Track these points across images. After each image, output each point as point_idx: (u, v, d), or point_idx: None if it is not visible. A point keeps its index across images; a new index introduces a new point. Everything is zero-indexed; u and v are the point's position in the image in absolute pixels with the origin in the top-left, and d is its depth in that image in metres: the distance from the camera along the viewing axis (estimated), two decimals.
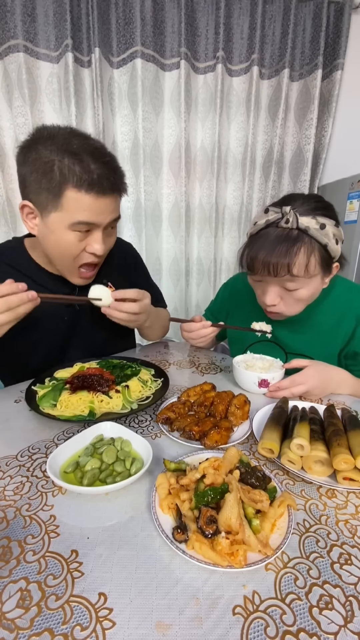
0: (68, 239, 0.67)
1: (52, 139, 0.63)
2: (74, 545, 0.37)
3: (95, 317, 0.87)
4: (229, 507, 0.36)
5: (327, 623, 0.30)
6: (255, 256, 0.68)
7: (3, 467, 0.50)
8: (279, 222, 0.66)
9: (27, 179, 0.66)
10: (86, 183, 0.62)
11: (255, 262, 0.68)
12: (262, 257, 0.67)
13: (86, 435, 0.53)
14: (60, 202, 0.63)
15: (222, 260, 2.16)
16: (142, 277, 1.05)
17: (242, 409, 0.62)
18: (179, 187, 1.92)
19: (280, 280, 0.69)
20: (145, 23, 1.68)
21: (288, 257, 0.64)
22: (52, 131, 0.65)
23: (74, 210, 0.64)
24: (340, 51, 1.82)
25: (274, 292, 0.72)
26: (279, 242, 0.65)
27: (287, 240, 0.65)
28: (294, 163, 2.00)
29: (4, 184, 1.72)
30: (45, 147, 0.62)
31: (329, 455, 0.47)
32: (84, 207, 0.64)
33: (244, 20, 1.77)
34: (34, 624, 0.30)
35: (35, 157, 0.63)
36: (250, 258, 0.70)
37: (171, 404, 0.64)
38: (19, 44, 1.55)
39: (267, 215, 0.68)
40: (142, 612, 0.31)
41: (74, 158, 0.62)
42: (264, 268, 0.67)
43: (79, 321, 0.86)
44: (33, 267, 0.79)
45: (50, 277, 0.80)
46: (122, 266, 0.95)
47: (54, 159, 0.62)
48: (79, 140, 0.64)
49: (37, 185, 0.64)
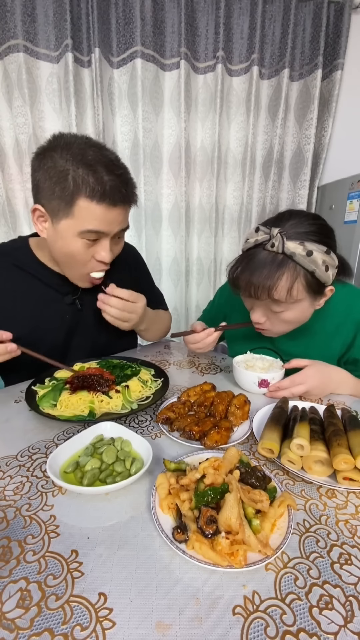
0: (76, 245, 0.69)
1: (69, 148, 0.64)
2: (74, 545, 0.37)
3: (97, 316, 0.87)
4: (229, 507, 0.36)
5: (327, 623, 0.30)
6: (239, 276, 0.69)
7: (3, 467, 0.50)
8: (266, 245, 0.65)
9: (41, 185, 0.67)
10: (98, 194, 0.64)
11: (240, 281, 0.69)
12: (245, 278, 0.67)
13: (86, 435, 0.53)
14: (72, 210, 0.65)
15: (222, 261, 2.16)
16: (144, 280, 1.06)
17: (242, 409, 0.62)
18: (179, 187, 1.92)
19: (265, 302, 0.69)
20: (145, 23, 1.68)
21: (270, 280, 0.64)
22: (69, 140, 0.66)
23: (85, 219, 0.66)
24: (340, 51, 1.81)
25: (260, 311, 0.73)
26: (263, 266, 0.65)
27: (272, 264, 0.64)
28: (294, 163, 2.00)
29: (4, 184, 1.72)
30: (61, 155, 0.64)
31: (329, 455, 0.47)
32: (95, 216, 0.66)
33: (244, 20, 1.77)
34: (34, 624, 0.30)
35: (50, 164, 0.64)
36: (235, 276, 0.70)
37: (171, 404, 0.64)
38: (19, 44, 1.55)
39: (257, 235, 0.67)
40: (142, 612, 0.31)
41: (88, 169, 0.63)
42: (246, 289, 0.67)
43: (80, 320, 0.87)
44: (39, 266, 0.81)
45: (55, 275, 0.82)
46: (124, 268, 0.96)
47: (68, 168, 0.63)
48: (94, 151, 0.65)
49: (51, 192, 0.65)
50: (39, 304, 0.80)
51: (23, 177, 1.72)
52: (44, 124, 1.70)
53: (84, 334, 0.88)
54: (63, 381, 0.68)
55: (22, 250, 0.82)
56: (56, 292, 0.82)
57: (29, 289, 0.80)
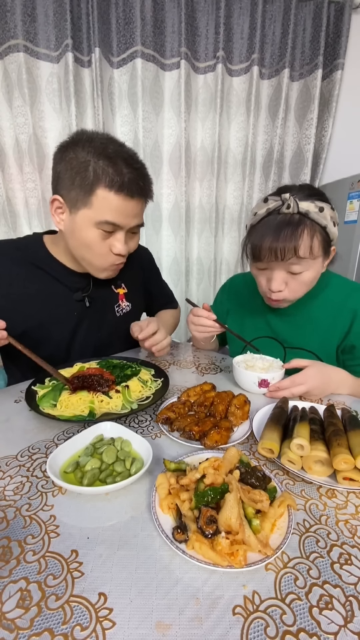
0: (92, 235, 0.71)
1: (91, 142, 0.67)
2: (74, 545, 0.37)
3: (104, 314, 0.89)
4: (229, 507, 0.36)
5: (327, 623, 0.30)
6: (260, 243, 0.70)
7: (3, 467, 0.50)
8: (280, 209, 0.69)
9: (62, 176, 0.69)
10: (117, 184, 0.66)
11: (262, 249, 0.70)
12: (268, 243, 0.69)
13: (86, 435, 0.53)
14: (90, 199, 0.67)
15: (222, 260, 2.16)
16: (156, 281, 1.12)
17: (242, 409, 0.62)
18: (179, 187, 1.92)
19: (286, 265, 0.71)
20: (145, 23, 1.68)
21: (294, 240, 0.67)
22: (91, 135, 0.69)
23: (103, 210, 0.68)
24: (340, 51, 1.81)
25: (280, 277, 0.73)
26: (283, 227, 0.68)
27: (291, 225, 0.67)
28: (294, 163, 2.00)
29: (4, 184, 1.72)
30: (83, 148, 0.67)
31: (329, 455, 0.47)
32: (112, 207, 0.68)
33: (244, 20, 1.77)
34: (34, 624, 0.30)
35: (72, 156, 0.67)
36: (255, 246, 0.71)
37: (171, 404, 0.64)
38: (19, 44, 1.55)
39: (267, 204, 0.71)
40: (142, 612, 0.31)
41: (108, 161, 0.66)
42: (271, 254, 0.69)
43: (87, 317, 0.88)
44: (51, 262, 0.83)
45: (66, 272, 0.83)
46: (138, 270, 1.01)
47: (89, 160, 0.66)
48: (115, 146, 0.69)
49: (71, 182, 0.68)
50: (48, 299, 0.82)
51: (23, 177, 1.72)
52: (44, 124, 1.70)
53: (90, 331, 0.89)
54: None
55: (36, 245, 0.84)
56: (66, 288, 0.84)
57: (40, 283, 0.81)
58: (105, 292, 0.92)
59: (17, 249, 0.81)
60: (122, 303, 0.95)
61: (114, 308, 0.94)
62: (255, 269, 0.78)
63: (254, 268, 0.79)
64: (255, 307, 0.93)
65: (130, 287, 0.97)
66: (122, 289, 0.95)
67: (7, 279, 0.78)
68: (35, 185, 1.73)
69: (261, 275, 0.78)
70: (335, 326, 0.81)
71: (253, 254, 0.73)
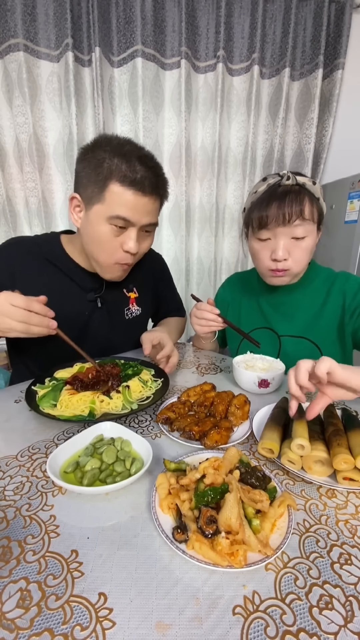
0: (104, 230, 0.72)
1: (109, 143, 0.70)
2: (74, 545, 0.37)
3: (113, 316, 0.91)
4: (229, 507, 0.36)
5: (327, 623, 0.30)
6: (267, 210, 0.74)
7: (3, 467, 0.50)
8: (281, 182, 0.75)
9: (80, 174, 0.72)
10: (129, 180, 0.68)
11: (269, 215, 0.74)
12: (274, 208, 0.74)
13: (86, 435, 0.53)
14: (103, 194, 0.69)
15: (222, 260, 2.16)
16: (168, 288, 1.13)
17: (242, 409, 0.62)
18: (179, 187, 1.92)
19: (290, 230, 0.75)
20: (145, 22, 1.67)
21: (298, 202, 0.72)
22: (111, 137, 0.72)
23: (115, 205, 0.69)
24: (341, 50, 1.81)
25: (284, 245, 0.76)
26: (287, 194, 0.74)
27: (293, 192, 0.74)
28: (294, 163, 2.00)
29: (4, 184, 1.72)
30: (102, 148, 0.70)
31: (329, 455, 0.47)
32: (124, 202, 0.69)
33: (244, 20, 1.77)
34: (34, 624, 0.30)
35: (91, 155, 0.70)
36: (262, 214, 0.75)
37: (171, 404, 0.64)
38: (19, 43, 1.55)
39: (266, 182, 0.78)
40: (142, 612, 0.31)
41: (123, 158, 0.68)
42: (279, 217, 0.73)
43: (98, 318, 0.89)
44: (67, 261, 0.85)
45: (81, 271, 0.85)
46: (150, 276, 1.02)
47: (105, 157, 0.68)
48: (132, 146, 0.71)
49: (87, 178, 0.70)
50: (62, 297, 0.83)
51: (23, 176, 1.72)
52: (44, 123, 1.70)
53: (99, 331, 0.90)
54: (63, 381, 0.68)
55: (53, 243, 0.86)
56: (80, 287, 0.85)
57: (54, 280, 0.83)
58: (117, 295, 0.93)
59: (35, 244, 0.83)
60: (132, 307, 0.96)
61: (124, 311, 0.95)
62: (258, 242, 0.80)
63: (256, 242, 0.80)
64: (250, 299, 0.97)
65: (141, 292, 0.98)
66: (134, 293, 0.97)
67: (24, 273, 0.80)
68: (36, 185, 1.73)
69: (264, 249, 0.80)
70: (326, 308, 0.85)
71: (260, 222, 0.76)
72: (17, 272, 0.79)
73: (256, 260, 0.84)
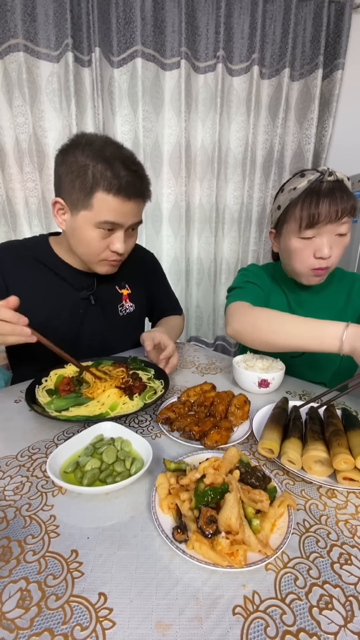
0: (93, 235, 0.74)
1: (90, 145, 0.69)
2: (74, 545, 0.37)
3: (107, 313, 0.91)
4: (229, 507, 0.36)
5: (327, 623, 0.30)
6: (318, 208, 0.72)
7: (3, 467, 0.50)
8: (323, 178, 0.74)
9: (63, 179, 0.72)
10: (115, 187, 0.69)
11: (320, 213, 0.72)
12: (325, 206, 0.72)
13: (86, 435, 0.53)
14: (90, 202, 0.70)
15: (222, 260, 2.16)
16: (162, 286, 1.13)
17: (242, 409, 0.62)
18: (179, 187, 1.92)
19: (336, 227, 0.74)
20: (145, 22, 1.67)
21: (350, 199, 0.72)
22: (90, 138, 0.71)
23: (102, 211, 0.70)
24: (340, 51, 1.81)
25: (328, 242, 0.75)
26: (335, 190, 0.72)
27: (339, 189, 0.73)
28: (294, 163, 2.00)
29: (4, 184, 1.71)
30: (83, 152, 0.69)
31: (329, 455, 0.47)
32: (111, 208, 0.71)
33: (244, 20, 1.77)
34: (34, 624, 0.30)
35: (72, 160, 0.70)
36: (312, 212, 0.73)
37: (171, 404, 0.64)
38: (19, 43, 1.54)
39: (305, 178, 0.75)
40: (142, 612, 0.31)
41: (106, 164, 0.68)
42: (330, 214, 0.72)
43: (92, 315, 0.90)
44: (57, 261, 0.86)
45: (71, 270, 0.87)
46: (141, 272, 1.03)
47: (89, 164, 0.68)
48: (113, 148, 0.71)
49: (71, 185, 0.70)
50: (54, 296, 0.84)
51: (23, 176, 1.72)
52: (44, 124, 1.70)
53: (95, 329, 0.91)
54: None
55: (42, 245, 0.87)
56: (72, 286, 0.86)
57: (46, 281, 0.84)
58: (110, 292, 0.94)
59: (24, 247, 0.85)
60: (125, 303, 0.97)
61: (117, 307, 0.96)
62: (301, 241, 0.77)
63: (298, 240, 0.77)
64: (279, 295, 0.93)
65: (133, 289, 0.99)
66: (126, 290, 0.97)
67: (17, 276, 0.81)
68: (35, 185, 1.73)
69: (307, 248, 0.77)
70: (348, 310, 0.86)
71: (310, 221, 0.73)
72: (10, 275, 0.80)
73: (295, 259, 0.79)
